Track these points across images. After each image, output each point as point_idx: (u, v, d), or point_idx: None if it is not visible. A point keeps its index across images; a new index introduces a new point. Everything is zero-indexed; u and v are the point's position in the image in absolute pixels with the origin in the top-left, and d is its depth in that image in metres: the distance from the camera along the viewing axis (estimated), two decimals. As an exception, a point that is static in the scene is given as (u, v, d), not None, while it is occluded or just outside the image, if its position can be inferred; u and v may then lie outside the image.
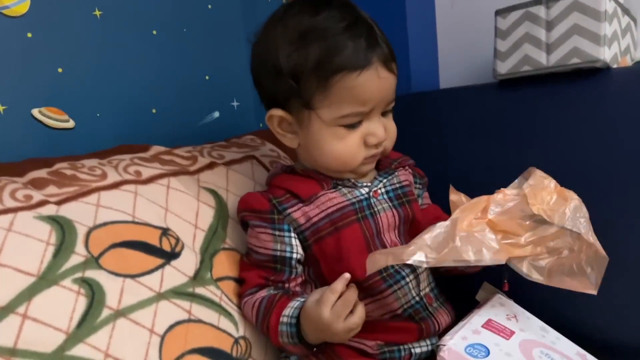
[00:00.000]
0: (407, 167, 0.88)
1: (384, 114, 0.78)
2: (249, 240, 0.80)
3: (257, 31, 0.80)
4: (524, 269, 0.68)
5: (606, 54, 0.85)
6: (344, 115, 0.73)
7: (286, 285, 0.78)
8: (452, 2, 1.24)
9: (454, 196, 0.72)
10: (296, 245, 0.78)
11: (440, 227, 0.66)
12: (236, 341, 0.75)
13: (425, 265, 0.64)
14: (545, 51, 0.91)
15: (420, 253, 0.63)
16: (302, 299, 0.73)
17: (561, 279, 0.66)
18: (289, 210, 0.77)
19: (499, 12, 0.97)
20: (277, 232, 0.77)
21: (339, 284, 0.67)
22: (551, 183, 0.71)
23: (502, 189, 0.72)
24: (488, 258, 0.64)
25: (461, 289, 0.81)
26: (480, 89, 1.03)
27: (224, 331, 0.75)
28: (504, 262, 0.66)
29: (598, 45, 0.85)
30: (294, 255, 0.77)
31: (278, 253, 0.77)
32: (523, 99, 0.95)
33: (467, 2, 1.21)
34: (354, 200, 0.79)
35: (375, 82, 0.72)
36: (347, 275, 0.68)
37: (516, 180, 0.74)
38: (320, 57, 0.71)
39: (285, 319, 0.72)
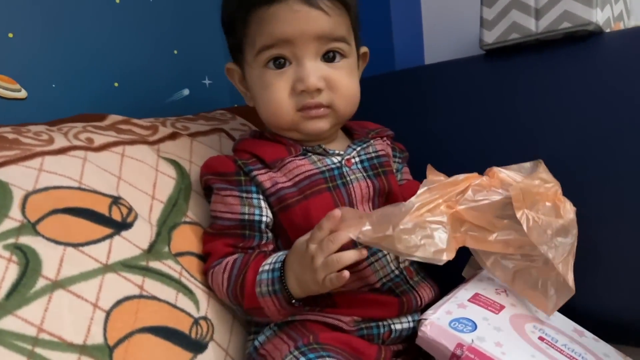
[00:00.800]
0: (384, 138, 0.84)
1: (326, 60, 0.72)
2: (214, 207, 0.74)
3: None
4: (488, 263, 0.63)
5: (599, 17, 0.81)
6: (258, 50, 0.71)
7: (257, 251, 0.71)
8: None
9: (432, 177, 0.65)
10: (265, 208, 0.72)
11: (396, 207, 0.60)
12: (196, 321, 0.68)
13: (357, 241, 0.60)
14: (534, 17, 0.86)
15: (357, 229, 0.59)
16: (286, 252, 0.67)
17: (523, 288, 0.63)
18: (255, 172, 0.72)
19: (484, -21, 0.92)
20: (244, 195, 0.72)
21: (328, 222, 0.61)
22: (552, 188, 0.65)
23: (494, 168, 0.66)
24: (422, 255, 0.58)
25: (446, 265, 0.75)
26: (467, 61, 0.98)
27: (182, 310, 0.67)
28: (442, 262, 0.59)
29: (590, 7, 0.81)
30: (263, 219, 0.71)
31: (246, 217, 0.71)
32: (512, 69, 0.91)
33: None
34: (324, 168, 0.74)
35: (288, 14, 0.69)
36: (336, 213, 0.61)
37: (516, 165, 0.69)
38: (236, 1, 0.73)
39: (266, 267, 0.66)
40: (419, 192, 0.61)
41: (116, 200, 0.68)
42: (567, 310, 0.68)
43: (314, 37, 0.70)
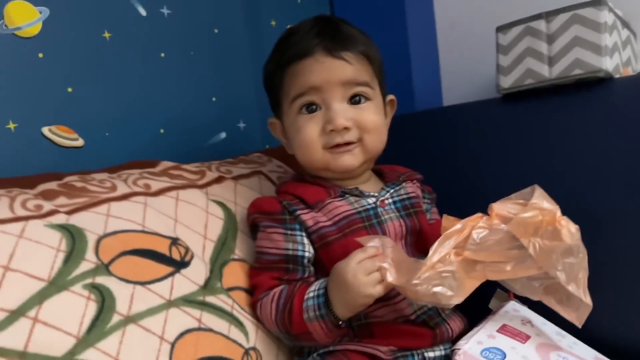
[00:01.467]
0: (414, 181, 0.89)
1: (353, 103, 0.80)
2: (260, 243, 0.80)
3: None
4: (517, 287, 0.68)
5: (608, 64, 0.86)
6: (292, 99, 0.79)
7: (300, 283, 0.77)
8: (452, 23, 1.27)
9: (446, 222, 0.70)
10: (307, 244, 0.78)
11: (417, 262, 0.67)
12: (246, 352, 0.74)
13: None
14: (548, 64, 0.92)
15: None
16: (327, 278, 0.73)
17: (553, 304, 0.66)
18: (299, 212, 0.79)
19: (499, 29, 0.99)
20: (289, 232, 0.78)
21: (370, 248, 0.69)
22: (550, 214, 0.66)
23: (492, 205, 0.70)
24: (432, 301, 0.65)
25: (473, 298, 0.80)
26: (484, 104, 1.04)
27: (234, 341, 0.73)
28: (451, 306, 0.65)
29: (599, 56, 0.86)
30: (306, 254, 0.78)
31: (290, 252, 0.77)
32: (527, 112, 0.96)
33: (467, 21, 1.23)
34: (360, 209, 0.80)
35: (315, 66, 0.78)
36: (377, 241, 0.69)
37: (515, 194, 0.72)
38: (275, 60, 0.83)
39: (311, 294, 0.72)
40: (433, 246, 0.67)
41: (175, 241, 0.75)
42: (589, 339, 0.73)
43: (339, 83, 0.77)
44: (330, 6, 1.35)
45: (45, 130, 0.90)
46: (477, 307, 0.79)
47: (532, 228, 0.65)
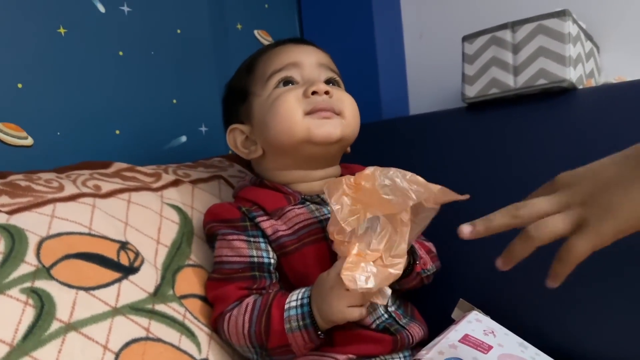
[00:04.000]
0: None
1: (330, 83, 0.80)
2: (219, 252, 0.76)
3: None
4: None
5: (572, 75, 0.87)
6: (268, 76, 0.79)
7: (270, 291, 0.73)
8: (421, 33, 1.27)
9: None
10: (271, 251, 0.75)
11: None
12: (198, 363, 0.70)
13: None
14: (513, 73, 0.92)
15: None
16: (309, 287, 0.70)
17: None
18: (259, 219, 0.76)
19: (465, 38, 0.98)
20: (251, 239, 0.75)
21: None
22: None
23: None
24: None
25: (436, 307, 0.79)
26: (450, 113, 1.04)
27: (185, 352, 0.69)
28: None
29: (564, 66, 0.87)
30: (272, 261, 0.75)
31: (255, 259, 0.74)
32: (492, 121, 0.96)
33: (434, 31, 1.23)
34: (321, 217, 0.77)
35: (293, 48, 0.81)
36: None
37: None
38: (250, 60, 0.84)
39: (293, 303, 0.68)
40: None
41: (124, 246, 0.71)
42: (552, 351, 0.72)
43: (316, 63, 0.79)
44: (299, 13, 1.33)
45: (-8, 127, 0.85)
46: (439, 317, 0.77)
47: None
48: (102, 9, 0.99)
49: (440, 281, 0.92)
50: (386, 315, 0.76)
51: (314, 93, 0.75)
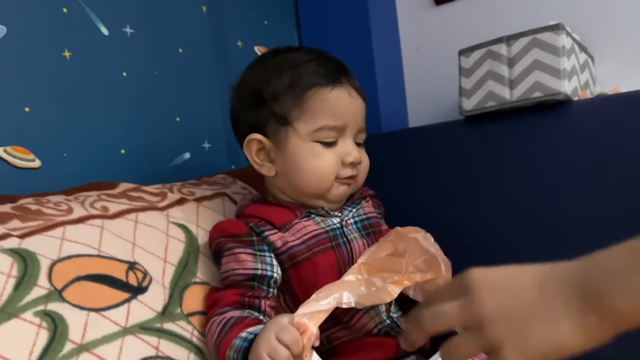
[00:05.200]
0: (367, 198, 0.90)
1: (357, 144, 0.82)
2: (226, 267, 0.77)
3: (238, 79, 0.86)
4: (411, 293, 0.73)
5: (567, 87, 0.88)
6: (319, 128, 0.77)
7: (262, 302, 0.75)
8: (418, 46, 1.29)
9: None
10: (276, 266, 0.77)
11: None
12: (206, 380, 0.72)
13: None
14: (509, 87, 0.94)
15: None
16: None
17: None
18: (267, 233, 0.77)
19: (462, 52, 1.00)
20: (257, 253, 0.76)
21: (291, 331, 0.62)
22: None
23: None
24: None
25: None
26: (448, 126, 1.05)
27: (194, 369, 0.71)
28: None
29: (558, 79, 0.88)
30: (275, 275, 0.76)
31: (259, 272, 0.75)
32: (489, 133, 0.98)
33: (431, 45, 1.25)
34: (327, 228, 0.80)
35: (347, 98, 0.79)
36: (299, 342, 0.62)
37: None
38: (293, 77, 0.78)
39: (244, 334, 0.67)
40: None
41: (132, 266, 0.73)
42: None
43: (357, 124, 0.81)
44: (298, 29, 1.35)
45: (0, 150, 0.87)
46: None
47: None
48: (105, 31, 1.01)
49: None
50: (388, 321, 0.78)
51: (350, 163, 0.80)
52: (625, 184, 0.82)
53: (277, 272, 0.77)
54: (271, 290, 0.76)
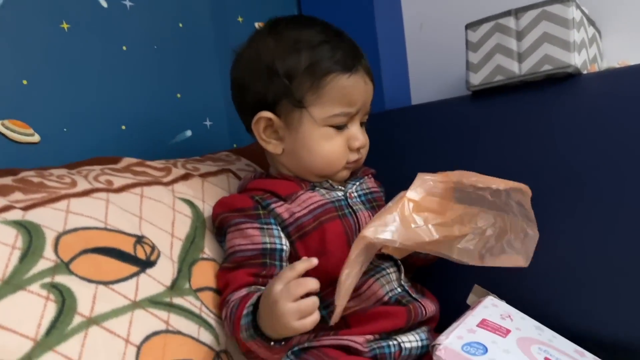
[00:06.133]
0: (369, 176, 0.91)
1: (361, 124, 0.82)
2: (232, 242, 0.76)
3: (242, 44, 0.84)
4: (455, 255, 0.69)
5: (576, 60, 0.87)
6: (335, 114, 0.77)
7: None
8: (421, 24, 1.27)
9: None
10: (284, 238, 0.76)
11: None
12: (217, 355, 0.71)
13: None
14: (517, 60, 0.92)
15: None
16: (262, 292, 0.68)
17: (494, 260, 0.69)
18: (273, 205, 0.77)
19: (469, 26, 0.99)
20: (265, 226, 0.75)
21: (301, 265, 0.63)
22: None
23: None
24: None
25: (452, 294, 0.79)
26: (454, 102, 1.04)
27: (205, 344, 0.70)
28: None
29: (568, 52, 0.87)
30: (284, 247, 0.76)
31: (268, 245, 0.74)
32: (497, 108, 0.96)
33: (435, 20, 1.23)
34: (333, 199, 0.80)
35: (362, 86, 0.79)
36: (314, 261, 0.64)
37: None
38: (312, 60, 0.76)
39: (244, 311, 0.67)
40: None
41: (140, 240, 0.71)
42: (568, 333, 0.73)
43: (366, 108, 0.82)
44: (298, 4, 1.33)
45: (-2, 124, 0.84)
46: (454, 304, 0.78)
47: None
48: (104, 3, 0.98)
49: (450, 266, 0.93)
50: (399, 289, 0.78)
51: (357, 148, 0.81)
52: (634, 157, 0.81)
53: (286, 245, 0.76)
54: (283, 264, 0.75)
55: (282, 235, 0.76)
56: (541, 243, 0.86)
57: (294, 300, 0.61)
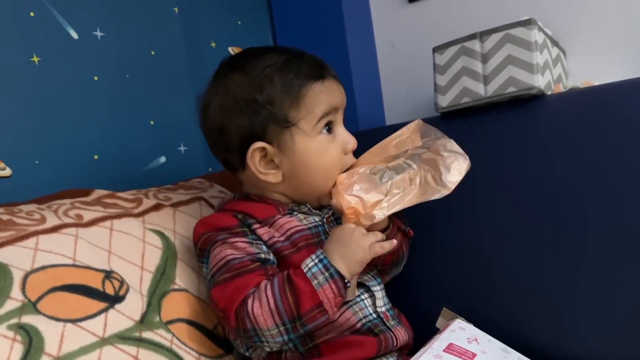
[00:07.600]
0: None
1: None
2: (222, 254, 0.74)
3: (205, 91, 0.84)
4: (385, 211, 0.76)
5: (540, 81, 0.89)
6: (322, 115, 0.79)
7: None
8: (393, 44, 1.28)
9: None
10: (271, 253, 0.77)
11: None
12: (188, 387, 0.71)
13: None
14: (483, 82, 0.94)
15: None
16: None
17: (424, 193, 0.79)
18: (255, 227, 0.78)
19: (436, 49, 1.00)
20: (254, 241, 0.77)
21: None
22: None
23: None
24: None
25: (420, 317, 0.81)
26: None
27: (175, 377, 0.70)
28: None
29: (532, 74, 0.89)
30: (273, 259, 0.77)
31: (262, 255, 0.75)
32: (465, 129, 0.97)
33: (406, 43, 1.25)
34: (310, 225, 0.81)
35: (337, 87, 0.82)
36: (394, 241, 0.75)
37: None
38: (283, 79, 0.78)
39: (311, 263, 0.72)
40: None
41: (108, 275, 0.72)
42: (536, 353, 0.74)
43: (344, 107, 0.84)
44: (272, 28, 1.34)
45: (-31, 160, 0.85)
46: (424, 327, 0.79)
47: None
48: (75, 35, 0.99)
49: (425, 288, 0.94)
50: (374, 316, 0.79)
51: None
52: (598, 176, 0.83)
53: (274, 260, 0.77)
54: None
55: (269, 250, 0.77)
56: (509, 264, 0.87)
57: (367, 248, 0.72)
